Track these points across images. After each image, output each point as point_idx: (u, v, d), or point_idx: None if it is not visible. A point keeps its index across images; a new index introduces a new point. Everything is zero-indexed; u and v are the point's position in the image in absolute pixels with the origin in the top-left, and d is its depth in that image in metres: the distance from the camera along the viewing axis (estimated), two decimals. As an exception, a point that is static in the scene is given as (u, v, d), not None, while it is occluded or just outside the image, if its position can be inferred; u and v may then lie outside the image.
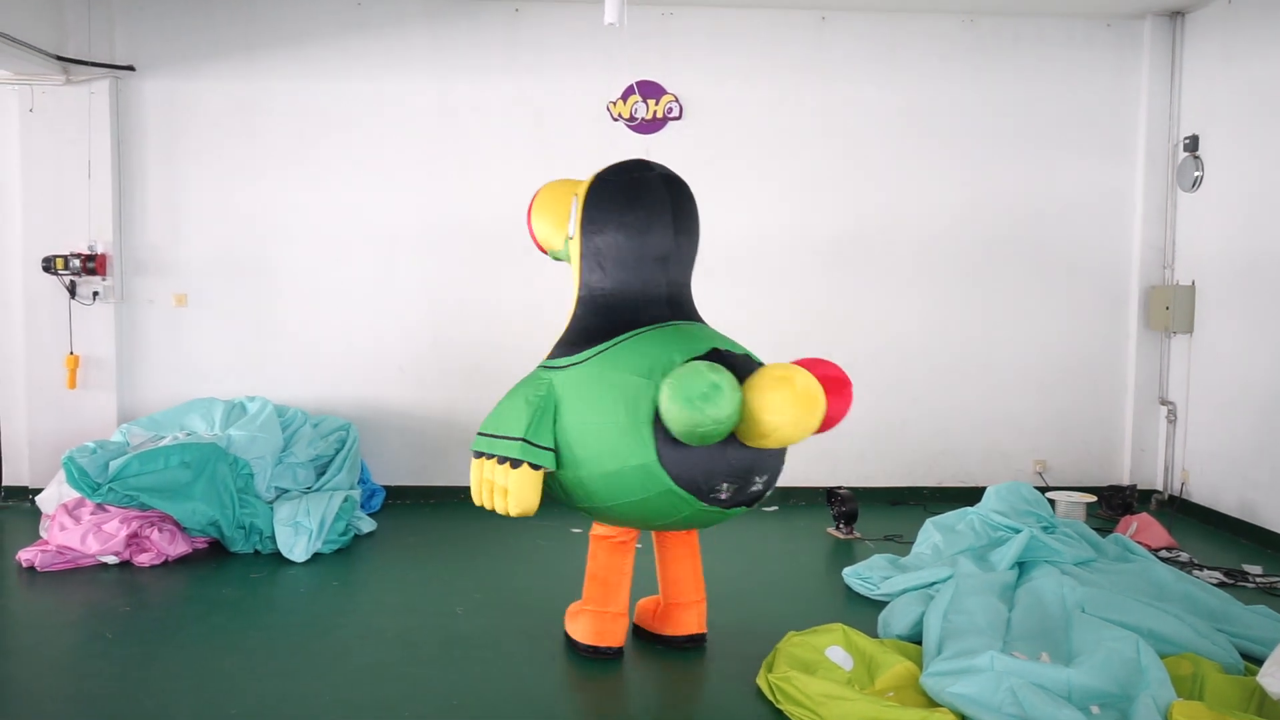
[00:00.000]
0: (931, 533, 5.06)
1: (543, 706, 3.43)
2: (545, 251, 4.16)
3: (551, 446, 3.55)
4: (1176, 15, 6.36)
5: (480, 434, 3.72)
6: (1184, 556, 5.19)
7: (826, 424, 3.48)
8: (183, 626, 4.17)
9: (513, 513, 3.55)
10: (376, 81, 6.29)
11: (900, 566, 4.77)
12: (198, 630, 4.12)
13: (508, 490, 3.54)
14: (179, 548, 5.11)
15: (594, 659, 3.82)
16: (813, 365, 3.50)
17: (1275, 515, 5.49)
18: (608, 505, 3.58)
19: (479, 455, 3.69)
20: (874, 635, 3.96)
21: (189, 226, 6.29)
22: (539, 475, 3.55)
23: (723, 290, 5.83)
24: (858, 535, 5.67)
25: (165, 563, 5.04)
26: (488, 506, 3.66)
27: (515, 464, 3.53)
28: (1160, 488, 6.53)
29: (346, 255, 6.35)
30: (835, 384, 3.48)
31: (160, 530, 5.07)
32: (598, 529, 3.91)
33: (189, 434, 5.46)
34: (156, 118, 6.23)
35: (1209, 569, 4.98)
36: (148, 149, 6.24)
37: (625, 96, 6.29)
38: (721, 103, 6.36)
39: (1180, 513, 6.28)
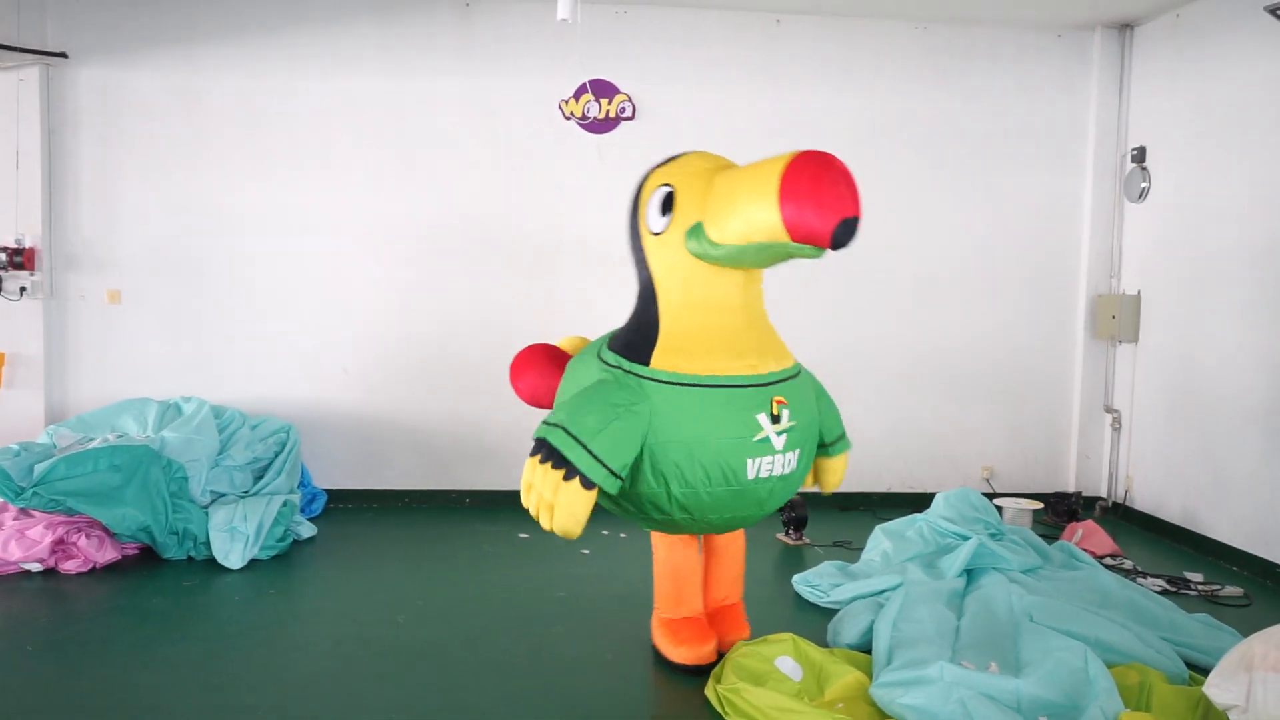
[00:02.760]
0: (881, 539, 5.03)
1: (483, 717, 3.34)
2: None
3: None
4: (1125, 28, 6.44)
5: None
6: (1128, 564, 5.23)
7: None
8: (111, 638, 4.00)
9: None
10: (323, 77, 6.12)
11: (850, 574, 4.74)
12: (126, 642, 3.95)
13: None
14: (108, 554, 4.91)
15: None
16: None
17: (1215, 523, 5.56)
18: None
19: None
20: (824, 643, 3.93)
21: (124, 221, 6.07)
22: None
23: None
24: (807, 541, 5.64)
25: (93, 570, 4.84)
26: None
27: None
28: (1105, 495, 6.60)
29: (290, 253, 6.17)
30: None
31: (88, 536, 4.87)
32: None
33: (120, 436, 5.26)
34: (90, 108, 6.00)
35: (1152, 576, 5.03)
36: (81, 140, 6.01)
37: (578, 95, 6.20)
38: (675, 104, 6.29)
39: (1124, 520, 6.35)
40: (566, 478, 3.17)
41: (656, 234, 3.44)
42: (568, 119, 6.23)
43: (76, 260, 6.04)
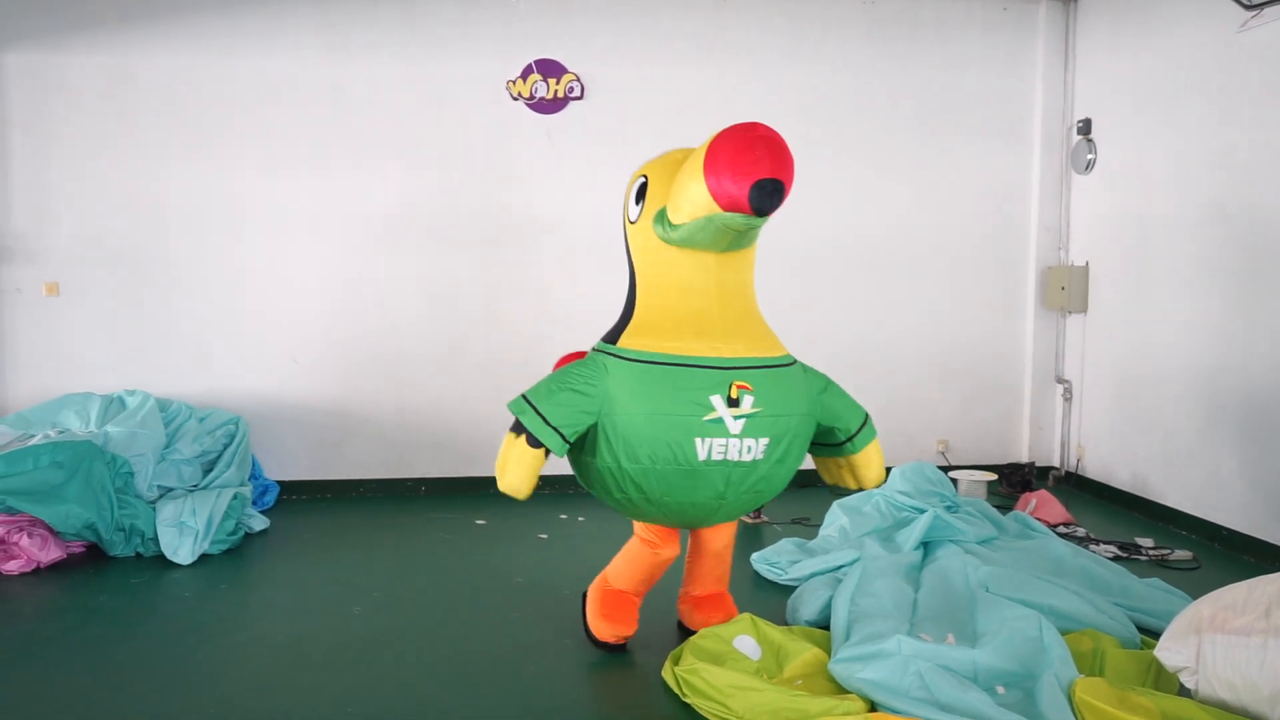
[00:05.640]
0: (838, 515, 5.05)
1: (436, 709, 3.29)
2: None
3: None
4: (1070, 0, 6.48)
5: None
6: (1080, 531, 5.30)
7: None
8: (54, 639, 3.89)
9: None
10: (263, 58, 5.97)
11: (808, 550, 4.75)
12: (70, 643, 3.85)
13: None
14: (52, 553, 4.78)
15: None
16: None
17: (1164, 488, 5.65)
18: None
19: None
20: (783, 621, 3.92)
21: (59, 211, 5.89)
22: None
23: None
24: (766, 519, 5.65)
25: (37, 570, 4.71)
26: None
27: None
28: (1057, 464, 6.68)
29: (233, 240, 6.03)
30: None
31: (30, 535, 4.74)
32: None
33: (61, 431, 5.13)
34: (19, 94, 5.81)
35: (1104, 543, 5.09)
36: (10, 128, 5.81)
37: (525, 75, 6.11)
38: (624, 83, 6.22)
39: (1076, 488, 6.44)
40: (517, 435, 3.37)
41: (633, 222, 3.58)
42: (515, 100, 6.14)
43: (9, 253, 5.85)
